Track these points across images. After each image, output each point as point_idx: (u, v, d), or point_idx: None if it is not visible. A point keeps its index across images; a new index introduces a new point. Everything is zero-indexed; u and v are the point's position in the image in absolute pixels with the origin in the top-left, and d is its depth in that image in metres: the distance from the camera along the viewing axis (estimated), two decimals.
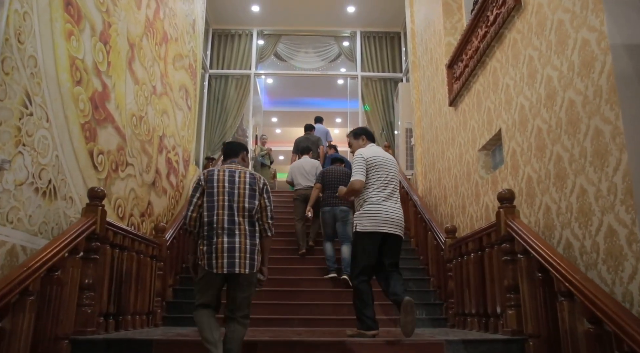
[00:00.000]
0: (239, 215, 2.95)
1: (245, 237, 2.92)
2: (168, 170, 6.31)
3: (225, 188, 2.98)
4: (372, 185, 3.70)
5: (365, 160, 3.75)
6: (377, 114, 9.81)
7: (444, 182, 6.40)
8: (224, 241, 2.87)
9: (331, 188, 5.89)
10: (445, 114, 6.33)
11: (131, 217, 4.99)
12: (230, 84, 9.89)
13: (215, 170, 3.07)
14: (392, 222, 3.69)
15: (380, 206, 3.66)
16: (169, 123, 6.35)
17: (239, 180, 3.03)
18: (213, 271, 2.84)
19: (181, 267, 5.80)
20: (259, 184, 3.10)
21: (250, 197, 3.01)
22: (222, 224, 2.90)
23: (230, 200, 2.96)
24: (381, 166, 3.77)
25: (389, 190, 3.76)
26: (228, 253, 2.85)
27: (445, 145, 6.31)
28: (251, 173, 3.14)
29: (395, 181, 3.87)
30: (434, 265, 5.60)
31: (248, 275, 2.90)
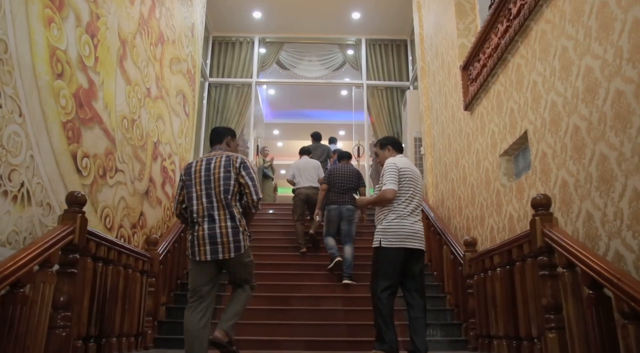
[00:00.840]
0: (217, 201, 2.98)
1: (226, 220, 2.94)
2: (163, 180, 5.90)
3: (201, 178, 3.04)
4: (400, 198, 3.55)
5: (399, 170, 3.60)
6: (384, 125, 9.43)
7: (458, 192, 5.97)
8: (205, 228, 2.93)
9: (338, 187, 5.78)
10: (460, 120, 5.93)
11: (121, 228, 4.56)
12: (231, 92, 9.53)
13: (194, 162, 3.15)
14: (416, 237, 3.56)
15: (406, 220, 3.52)
16: (164, 129, 5.96)
17: (215, 165, 3.06)
18: (196, 259, 2.94)
19: (176, 283, 5.35)
20: (234, 164, 3.05)
21: (225, 179, 3.01)
22: (202, 212, 2.97)
23: (208, 187, 3.00)
24: (411, 179, 3.64)
25: (414, 204, 3.63)
26: (210, 239, 2.91)
27: (460, 152, 5.90)
28: (227, 155, 3.12)
29: (420, 195, 3.73)
30: (451, 282, 5.15)
31: (235, 258, 2.93)
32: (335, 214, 5.74)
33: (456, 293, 4.97)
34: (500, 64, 4.60)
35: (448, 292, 5.20)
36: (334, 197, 5.82)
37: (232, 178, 3.02)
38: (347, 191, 5.82)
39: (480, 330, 4.18)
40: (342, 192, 5.78)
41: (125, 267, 3.81)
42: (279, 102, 13.05)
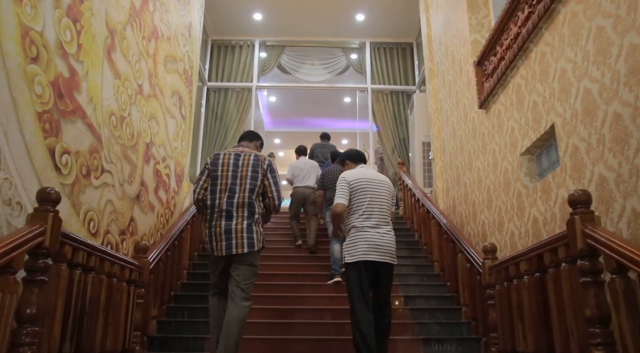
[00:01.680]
0: (239, 198, 3.01)
1: (243, 218, 2.99)
2: (157, 184, 5.52)
3: (229, 172, 3.06)
4: (357, 210, 3.40)
5: (348, 183, 3.45)
6: (389, 130, 9.06)
7: (472, 197, 5.58)
8: (222, 224, 2.98)
9: (332, 187, 5.65)
10: (473, 120, 5.56)
11: (107, 234, 4.17)
12: (230, 97, 9.18)
13: (221, 154, 3.16)
14: (381, 249, 3.35)
15: (366, 233, 3.35)
16: (158, 130, 5.59)
17: (243, 163, 3.08)
18: (215, 254, 3.02)
19: (169, 295, 4.94)
20: (262, 166, 3.11)
21: (252, 178, 3.05)
22: (222, 207, 3.01)
23: (233, 183, 3.04)
24: (366, 189, 3.43)
25: (376, 214, 3.42)
26: (225, 235, 2.96)
27: (474, 154, 5.52)
28: (256, 154, 3.15)
29: (386, 204, 3.51)
30: (467, 292, 4.73)
31: (246, 255, 2.98)
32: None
33: (473, 305, 4.56)
34: (521, 55, 4.24)
35: (464, 304, 4.78)
36: (331, 198, 5.76)
37: (259, 178, 3.08)
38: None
39: (503, 345, 3.76)
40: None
41: (108, 275, 3.40)
42: (280, 109, 12.71)
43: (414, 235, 6.93)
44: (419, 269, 5.95)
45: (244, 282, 3.03)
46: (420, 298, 5.16)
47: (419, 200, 6.60)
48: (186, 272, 5.57)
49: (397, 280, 5.57)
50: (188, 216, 5.64)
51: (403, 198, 7.81)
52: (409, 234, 7.09)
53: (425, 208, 6.30)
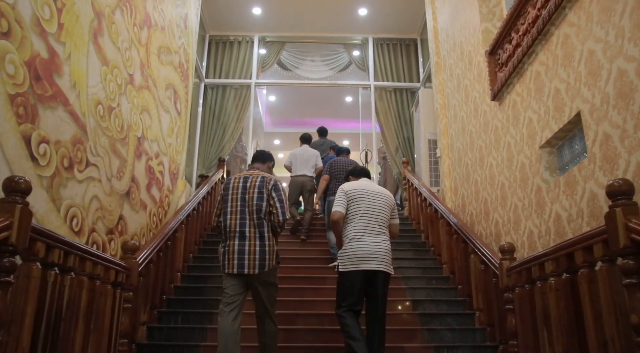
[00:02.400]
0: (249, 219, 3.15)
1: (255, 239, 3.11)
2: (149, 181, 5.20)
3: (238, 195, 3.20)
4: (352, 219, 3.45)
5: (345, 193, 3.52)
6: (393, 129, 8.74)
7: (484, 195, 5.26)
8: (235, 244, 3.12)
9: (338, 178, 5.76)
10: (485, 113, 5.25)
11: (93, 232, 3.85)
12: (229, 94, 8.87)
13: (232, 178, 3.31)
14: (374, 258, 3.32)
15: (361, 242, 3.36)
16: (151, 124, 5.27)
17: (250, 185, 3.21)
18: (226, 271, 3.13)
19: (160, 299, 4.61)
20: (267, 186, 3.22)
21: (258, 199, 3.18)
22: (234, 228, 3.14)
23: (242, 205, 3.17)
24: (362, 198, 3.49)
25: (372, 224, 3.44)
26: (238, 255, 3.08)
27: (486, 150, 5.21)
28: (262, 176, 3.26)
29: (382, 214, 3.51)
30: (481, 296, 4.40)
31: (259, 275, 3.07)
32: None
33: (489, 310, 4.23)
34: (540, 39, 3.93)
35: (478, 309, 4.45)
36: (335, 188, 5.65)
37: (264, 199, 3.19)
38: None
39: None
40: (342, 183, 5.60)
41: (91, 277, 3.08)
42: (280, 109, 12.39)
43: (421, 237, 6.61)
44: (427, 272, 5.62)
45: (267, 304, 3.20)
46: (429, 302, 4.83)
47: (426, 199, 6.27)
48: (180, 274, 5.24)
49: (404, 284, 5.25)
50: (182, 215, 5.31)
51: (408, 199, 7.49)
52: (415, 235, 6.76)
53: (432, 207, 5.98)
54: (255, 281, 3.13)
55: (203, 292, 5.04)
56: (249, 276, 3.10)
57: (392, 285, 5.24)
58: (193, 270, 5.55)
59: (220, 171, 7.52)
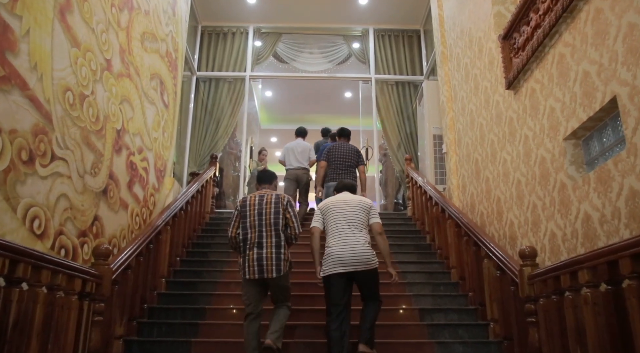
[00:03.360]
0: (266, 231, 3.52)
1: (272, 247, 3.47)
2: (131, 178, 4.76)
3: (255, 210, 3.58)
4: (329, 230, 3.75)
5: (320, 210, 3.89)
6: (394, 124, 8.29)
7: (496, 193, 4.82)
8: (254, 252, 3.46)
9: (337, 163, 5.72)
10: (498, 104, 4.81)
11: (60, 235, 3.41)
12: (222, 88, 8.41)
13: (248, 197, 3.68)
14: (348, 261, 3.56)
15: (334, 248, 3.63)
16: (133, 116, 4.83)
17: (266, 201, 3.61)
18: (247, 277, 3.46)
19: (141, 308, 4.16)
20: (282, 203, 3.62)
21: (275, 214, 3.56)
22: (254, 240, 3.50)
23: (260, 219, 3.55)
24: (333, 209, 3.79)
25: (344, 228, 3.69)
26: (257, 262, 3.43)
27: (499, 144, 4.77)
28: (276, 194, 3.67)
29: (355, 218, 3.74)
30: (496, 305, 3.97)
31: (276, 279, 3.44)
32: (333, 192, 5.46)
33: (505, 321, 3.79)
34: (565, 18, 3.49)
35: (492, 319, 4.01)
36: (333, 174, 5.71)
37: (281, 213, 3.58)
38: (347, 169, 5.73)
39: None
40: (342, 169, 5.70)
41: (50, 288, 2.64)
42: (277, 105, 11.92)
43: (426, 238, 6.16)
44: (433, 277, 5.18)
45: (282, 298, 3.62)
46: (437, 312, 4.40)
47: (432, 198, 5.83)
48: (164, 280, 4.80)
49: (409, 290, 4.82)
50: (168, 215, 4.87)
51: (412, 198, 7.04)
52: (420, 237, 6.31)
53: (439, 207, 5.54)
54: (272, 284, 3.51)
55: (190, 299, 4.60)
56: (267, 280, 3.47)
57: (397, 292, 4.83)
58: (180, 275, 5.11)
59: (212, 168, 7.10)
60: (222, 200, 8.33)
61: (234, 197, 8.36)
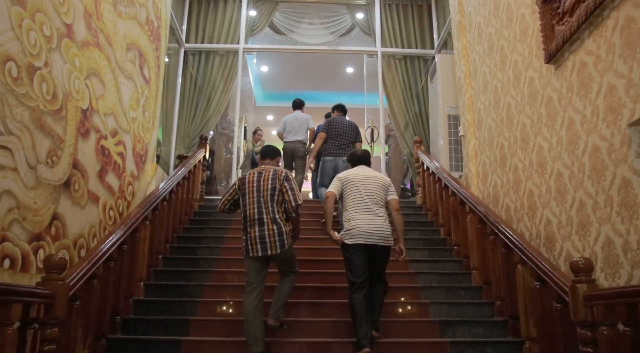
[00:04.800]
0: (265, 207, 3.52)
1: (272, 223, 3.48)
2: (102, 166, 4.07)
3: (253, 188, 3.60)
4: (349, 203, 3.76)
5: (340, 180, 3.87)
6: (403, 103, 7.57)
7: (527, 185, 4.16)
8: (256, 230, 3.48)
9: (335, 138, 5.66)
10: (532, 81, 4.11)
11: (3, 242, 2.74)
12: (213, 62, 7.64)
13: (248, 174, 3.72)
14: (371, 234, 3.61)
15: (357, 221, 3.65)
16: (104, 93, 4.12)
17: (264, 177, 3.62)
18: (250, 255, 3.47)
19: (111, 322, 3.52)
20: (279, 177, 3.61)
21: (272, 189, 3.56)
22: (253, 217, 3.51)
23: (258, 195, 3.56)
24: (354, 183, 3.79)
25: (367, 203, 3.72)
26: (260, 240, 3.45)
27: (533, 128, 4.09)
28: (274, 169, 3.67)
29: (376, 195, 3.78)
30: (533, 321, 3.34)
31: (280, 254, 3.47)
32: (330, 166, 5.58)
33: (546, 342, 3.17)
34: None
35: (528, 338, 3.38)
36: (331, 148, 5.65)
37: (277, 188, 3.57)
38: (345, 144, 5.67)
39: None
40: (340, 145, 5.65)
41: None
42: (273, 81, 11.14)
43: (439, 232, 5.51)
44: (451, 279, 4.55)
45: (290, 267, 3.63)
46: (460, 324, 3.78)
47: (448, 187, 5.17)
48: (143, 284, 4.15)
49: (425, 296, 4.21)
50: (147, 208, 4.19)
51: (422, 184, 6.37)
52: (432, 230, 5.66)
53: (457, 198, 4.88)
54: (277, 259, 3.51)
55: (173, 308, 3.96)
56: (271, 256, 3.46)
57: (412, 299, 4.21)
58: (162, 277, 4.46)
59: (202, 151, 6.40)
60: (213, 185, 7.66)
61: (227, 182, 7.66)
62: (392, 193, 3.88)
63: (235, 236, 5.35)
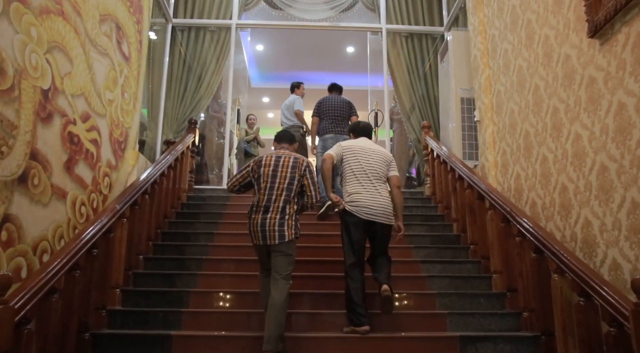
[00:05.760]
0: (277, 195, 3.30)
1: (277, 213, 3.26)
2: (70, 156, 3.52)
3: (269, 172, 3.36)
4: (349, 175, 3.61)
5: (342, 147, 3.72)
6: (409, 85, 6.99)
7: (561, 179, 3.63)
8: (259, 217, 3.27)
9: (330, 116, 5.49)
10: (568, 59, 3.56)
11: None
12: (203, 39, 7.01)
13: (264, 156, 3.47)
14: (372, 210, 3.47)
15: (359, 195, 3.51)
16: (71, 71, 3.54)
17: (282, 164, 3.39)
18: (254, 242, 3.32)
19: (78, 341, 3.00)
20: (300, 167, 3.40)
21: (290, 179, 3.34)
22: (261, 203, 3.30)
23: (273, 181, 3.33)
24: (358, 154, 3.65)
25: (370, 178, 3.58)
26: (261, 228, 3.25)
27: (568, 113, 3.54)
28: (295, 157, 3.45)
29: (380, 169, 3.64)
30: (574, 342, 2.83)
31: (279, 245, 3.22)
32: (332, 143, 4.99)
33: None
34: None
35: None
36: (328, 126, 5.45)
37: (296, 179, 3.36)
38: (341, 121, 5.49)
39: None
40: (336, 121, 5.46)
41: None
42: (269, 60, 10.50)
43: (452, 227, 5.00)
44: (469, 284, 4.05)
45: (282, 271, 3.22)
46: (483, 340, 3.27)
47: (463, 178, 4.64)
48: (120, 291, 3.63)
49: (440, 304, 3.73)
50: (122, 203, 3.66)
51: (431, 173, 5.85)
52: (444, 226, 5.14)
53: (474, 191, 4.36)
54: (274, 250, 3.25)
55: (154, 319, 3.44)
56: (269, 246, 3.25)
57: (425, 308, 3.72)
58: (142, 282, 3.95)
59: (191, 135, 5.86)
60: (204, 173, 7.11)
61: (219, 169, 7.10)
62: (393, 169, 3.75)
63: (228, 232, 4.84)
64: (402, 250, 4.42)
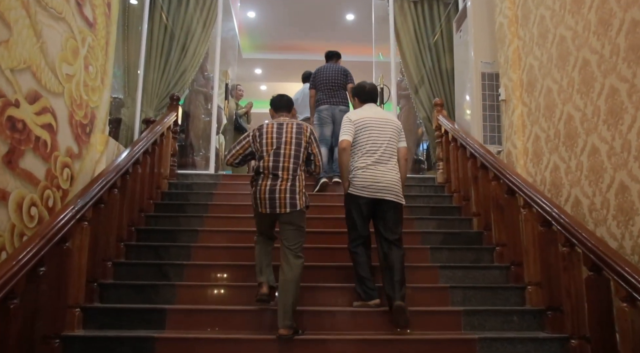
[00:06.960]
0: (284, 162, 3.15)
1: (287, 180, 3.11)
2: (13, 146, 2.82)
3: (273, 139, 3.20)
4: (360, 149, 3.43)
5: (352, 122, 3.49)
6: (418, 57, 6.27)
7: (618, 177, 2.98)
8: (268, 184, 3.11)
9: (326, 87, 5.33)
10: (635, 26, 2.85)
11: None
12: (187, 3, 6.21)
13: (265, 124, 3.32)
14: (382, 187, 3.31)
15: (368, 171, 3.35)
16: (8, 38, 2.81)
17: (286, 130, 3.24)
18: (259, 210, 3.14)
19: None
20: (305, 133, 3.27)
21: (297, 145, 3.20)
22: (268, 169, 3.13)
23: (277, 147, 3.18)
24: (370, 127, 3.46)
25: (379, 153, 3.40)
26: (269, 195, 3.08)
27: (634, 96, 2.86)
28: (298, 123, 3.31)
29: (392, 142, 3.46)
30: None
31: (290, 214, 3.08)
32: (327, 115, 5.25)
33: None
34: None
35: None
36: (323, 97, 5.32)
37: (302, 146, 3.23)
38: (337, 90, 5.33)
39: None
40: (331, 92, 5.31)
41: None
42: (262, 29, 9.70)
43: (471, 223, 4.36)
44: (497, 296, 3.43)
45: (294, 244, 3.09)
46: None
47: (486, 167, 3.98)
48: (80, 310, 2.98)
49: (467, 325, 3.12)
50: (80, 205, 2.97)
51: (444, 157, 5.18)
52: (460, 220, 4.49)
53: (500, 183, 3.71)
54: (284, 220, 3.11)
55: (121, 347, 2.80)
56: (279, 215, 3.10)
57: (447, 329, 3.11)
58: (110, 295, 3.30)
59: (173, 114, 5.14)
60: (189, 155, 6.41)
61: (206, 151, 6.39)
62: (402, 140, 3.58)
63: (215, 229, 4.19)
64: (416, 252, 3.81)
